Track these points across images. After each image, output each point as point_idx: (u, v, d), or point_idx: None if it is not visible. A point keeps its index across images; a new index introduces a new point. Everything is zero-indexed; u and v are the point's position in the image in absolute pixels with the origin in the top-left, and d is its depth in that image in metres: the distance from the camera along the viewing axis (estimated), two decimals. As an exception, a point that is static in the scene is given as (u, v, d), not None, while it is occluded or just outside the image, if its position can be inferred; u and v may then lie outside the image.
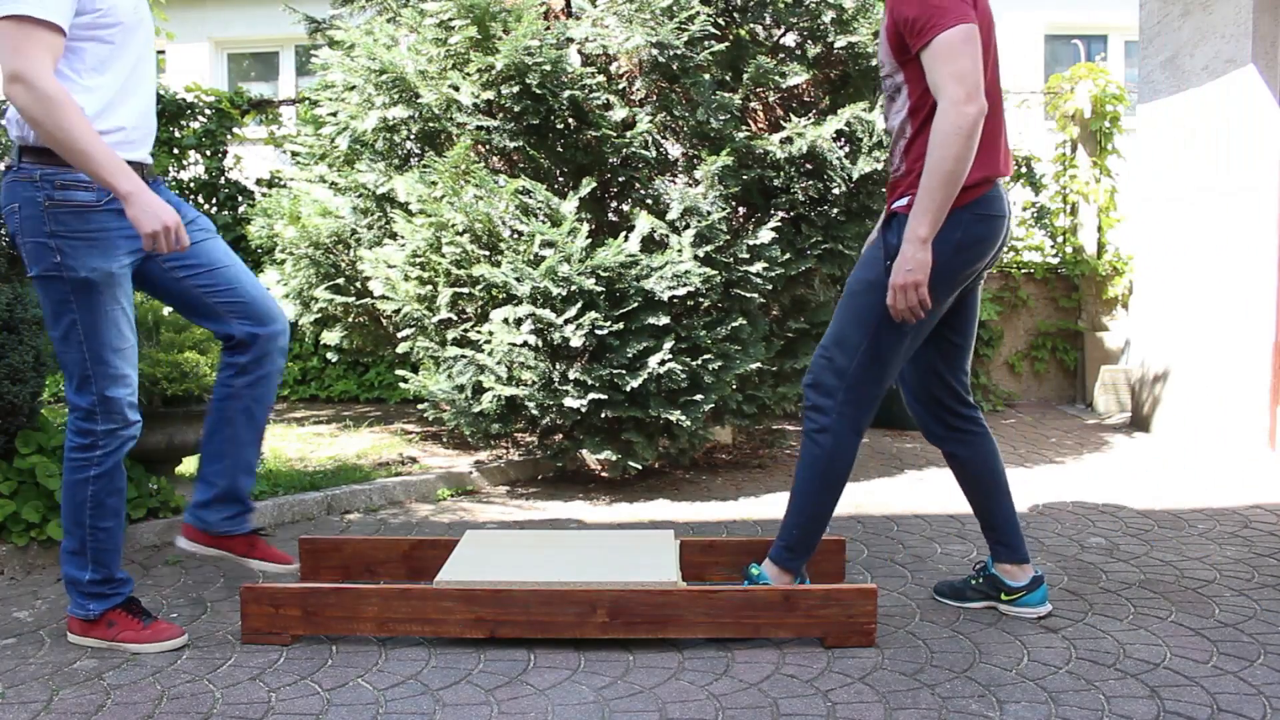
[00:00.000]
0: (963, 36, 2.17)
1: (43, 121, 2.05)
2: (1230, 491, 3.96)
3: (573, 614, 2.33)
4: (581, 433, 3.84)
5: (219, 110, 6.22)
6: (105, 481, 2.31)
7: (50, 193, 2.18)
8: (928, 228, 2.22)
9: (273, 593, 2.35)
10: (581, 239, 3.51)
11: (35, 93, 2.04)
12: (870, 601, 2.34)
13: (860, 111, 3.83)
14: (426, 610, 2.34)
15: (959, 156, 2.17)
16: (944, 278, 2.32)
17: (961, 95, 2.15)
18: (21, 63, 2.04)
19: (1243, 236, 4.78)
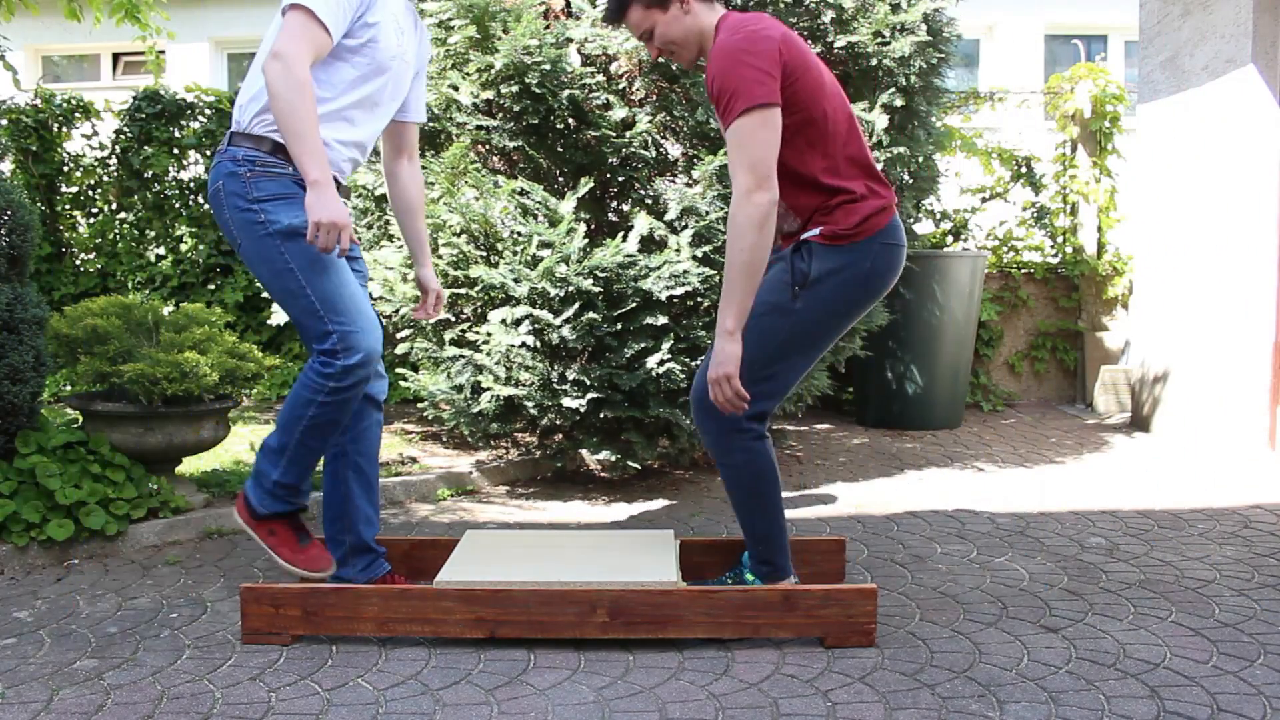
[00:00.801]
0: (758, 122, 2.20)
1: (283, 95, 2.20)
2: (1230, 491, 3.96)
3: (573, 614, 2.33)
4: (581, 433, 3.84)
5: (219, 110, 6.22)
6: (330, 410, 2.38)
7: (251, 167, 2.33)
8: (734, 320, 2.27)
9: (273, 593, 2.36)
10: (579, 239, 3.51)
11: (291, 73, 2.20)
12: (870, 601, 2.34)
13: (860, 111, 3.83)
14: (426, 610, 2.34)
15: (755, 245, 2.22)
16: (855, 306, 2.40)
17: (752, 184, 2.21)
18: (290, 45, 2.22)
19: (1243, 236, 4.78)
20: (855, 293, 2.37)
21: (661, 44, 2.41)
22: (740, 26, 2.29)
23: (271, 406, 5.99)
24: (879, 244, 2.36)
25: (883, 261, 2.37)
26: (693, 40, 2.39)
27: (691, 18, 2.37)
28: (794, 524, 3.49)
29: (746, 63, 2.22)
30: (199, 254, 6.16)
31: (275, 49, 2.22)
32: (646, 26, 2.40)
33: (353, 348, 2.34)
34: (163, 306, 3.53)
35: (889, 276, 2.41)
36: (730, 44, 2.25)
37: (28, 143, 6.18)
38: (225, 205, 2.37)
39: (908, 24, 3.89)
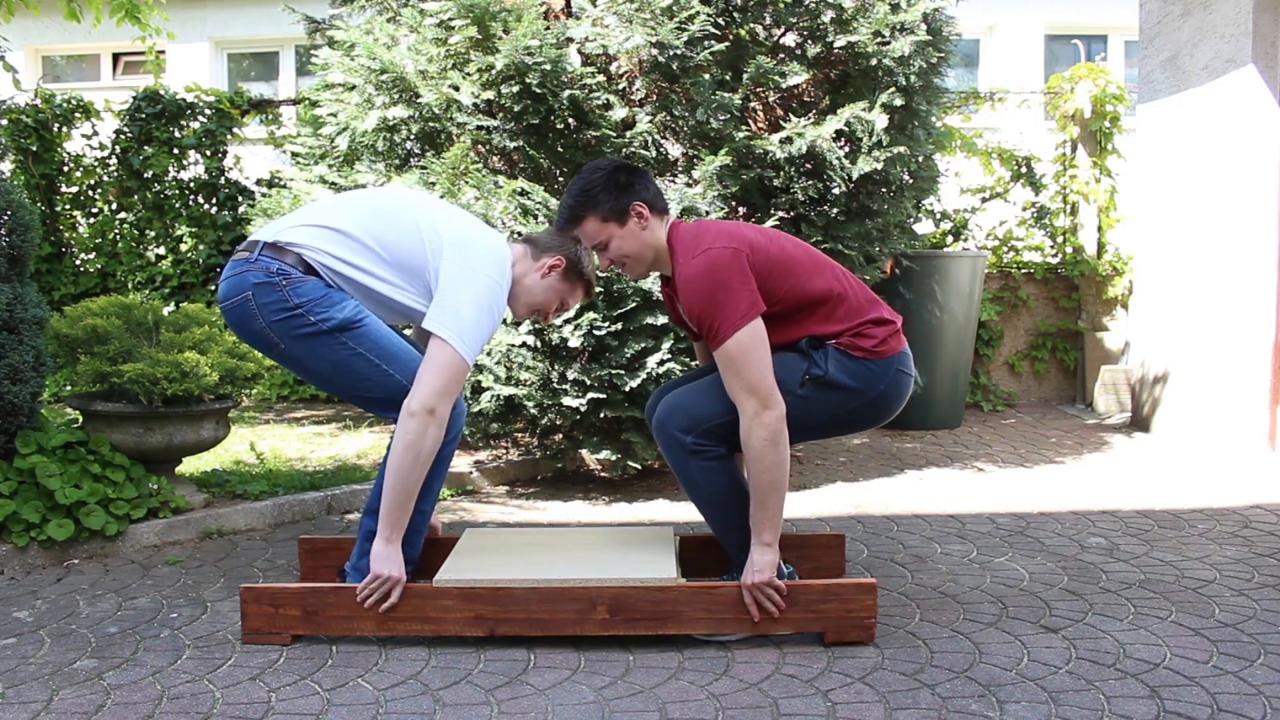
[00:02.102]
0: (747, 343, 2.24)
1: (418, 455, 2.27)
2: (1230, 491, 3.96)
3: (572, 611, 2.33)
4: (581, 433, 3.84)
5: (219, 110, 6.22)
6: (438, 469, 2.44)
7: (287, 277, 2.33)
8: (770, 534, 2.31)
9: (272, 593, 2.35)
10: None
11: (439, 435, 2.30)
12: (870, 596, 2.34)
13: (860, 111, 3.83)
14: (426, 609, 2.34)
15: (777, 464, 2.26)
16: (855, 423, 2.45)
17: (757, 406, 2.24)
18: (445, 405, 2.30)
19: (1243, 236, 4.78)
20: (860, 411, 2.41)
21: (615, 256, 2.42)
22: (696, 247, 2.30)
23: (271, 406, 5.99)
24: (895, 369, 2.40)
25: (895, 388, 2.41)
26: (647, 255, 2.41)
27: (648, 233, 2.39)
28: (794, 523, 3.49)
29: (720, 283, 2.24)
30: (199, 254, 6.17)
31: (433, 406, 2.25)
32: (602, 238, 2.40)
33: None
34: (163, 306, 3.53)
35: (897, 402, 2.44)
36: (697, 271, 2.26)
37: (28, 143, 6.19)
38: (259, 315, 2.35)
39: (907, 24, 3.89)
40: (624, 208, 2.36)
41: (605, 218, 2.38)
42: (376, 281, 2.38)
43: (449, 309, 2.31)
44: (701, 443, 2.38)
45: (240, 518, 3.39)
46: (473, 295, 2.32)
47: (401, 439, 2.26)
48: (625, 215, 2.36)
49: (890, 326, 2.41)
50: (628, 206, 2.36)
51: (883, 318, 2.41)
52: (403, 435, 2.26)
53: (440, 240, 2.37)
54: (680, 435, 2.39)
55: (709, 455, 2.38)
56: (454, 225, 2.42)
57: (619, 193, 2.36)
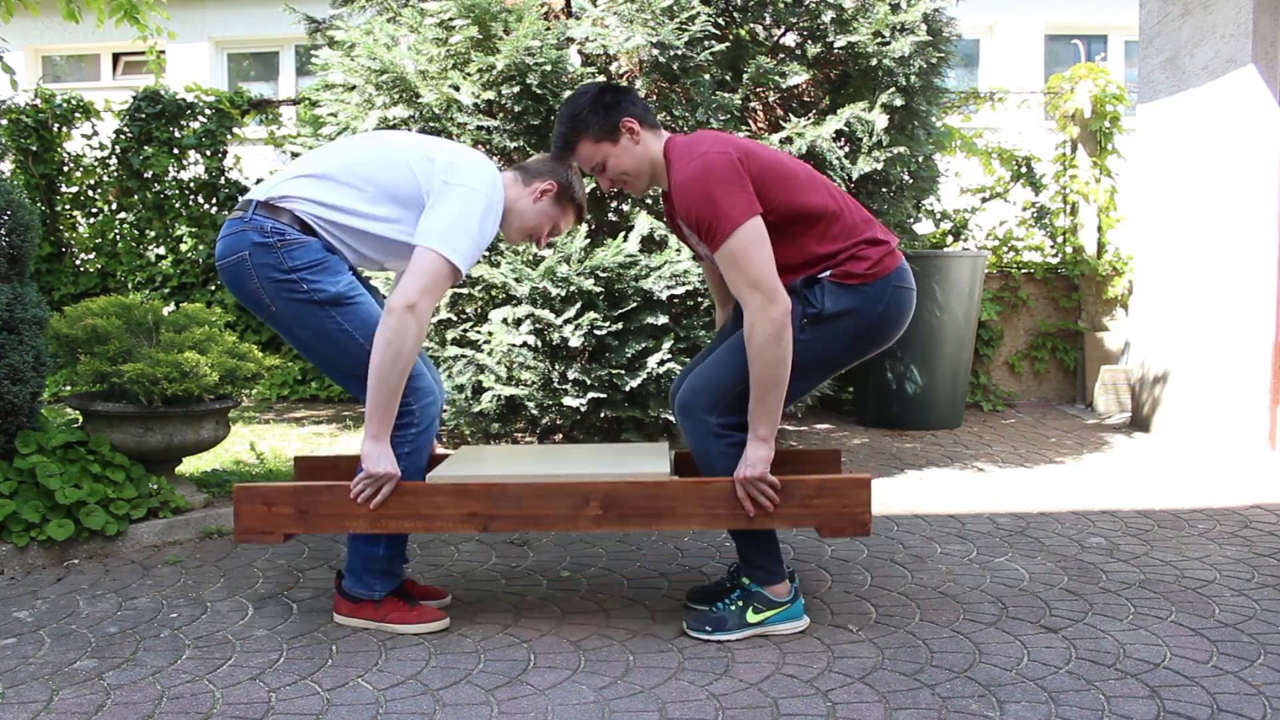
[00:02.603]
0: (746, 239, 2.23)
1: (399, 351, 2.23)
2: (1230, 491, 3.96)
3: (566, 507, 2.30)
4: (581, 432, 3.84)
5: (219, 110, 6.22)
6: (415, 458, 2.42)
7: (282, 238, 2.32)
8: (766, 428, 2.30)
9: (266, 491, 2.33)
10: (580, 239, 3.51)
11: (418, 327, 2.24)
12: (865, 490, 2.30)
13: (860, 111, 3.83)
14: (419, 506, 2.31)
15: (778, 360, 2.24)
16: (863, 348, 2.42)
17: (762, 301, 2.22)
18: (427, 302, 2.26)
19: (1243, 236, 4.78)
20: (866, 335, 2.39)
21: (614, 175, 2.42)
22: (691, 153, 2.30)
23: (271, 406, 5.99)
24: (892, 286, 2.38)
25: (895, 305, 2.39)
26: (644, 170, 2.41)
27: (642, 147, 2.39)
28: (794, 524, 3.49)
29: (716, 184, 2.24)
30: (199, 254, 6.17)
31: (414, 301, 2.22)
32: (598, 160, 2.41)
33: (418, 390, 2.39)
34: (163, 306, 3.53)
35: (900, 320, 2.42)
36: (692, 174, 2.26)
37: (28, 143, 6.19)
38: (254, 275, 2.34)
39: (908, 24, 3.89)
40: (614, 125, 2.37)
41: (597, 138, 2.39)
42: (371, 222, 2.36)
43: (432, 221, 2.30)
44: (725, 426, 2.38)
45: (240, 518, 3.39)
46: (459, 206, 2.31)
47: (382, 335, 2.23)
48: (616, 133, 2.37)
49: (885, 246, 2.39)
50: (617, 124, 2.37)
51: (877, 237, 2.39)
52: (383, 332, 2.23)
53: (432, 167, 2.36)
54: (705, 416, 2.39)
55: (731, 440, 2.38)
56: (444, 150, 2.42)
57: (607, 112, 2.37)
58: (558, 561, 3.04)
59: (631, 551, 3.16)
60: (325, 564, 3.00)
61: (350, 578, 2.47)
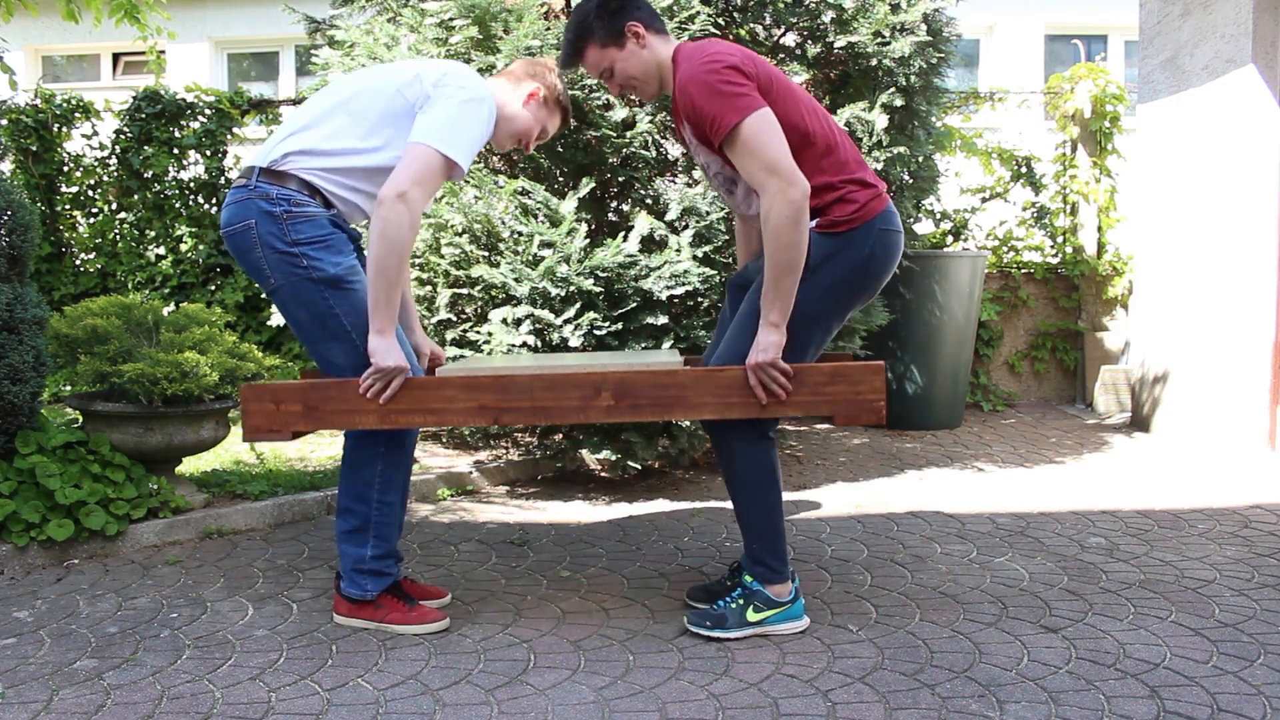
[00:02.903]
0: (758, 125, 2.21)
1: (394, 241, 2.21)
2: (1230, 491, 3.96)
3: (576, 398, 2.27)
4: (581, 433, 3.84)
5: (219, 110, 6.22)
6: (395, 456, 2.41)
7: (288, 208, 2.31)
8: (778, 314, 2.27)
9: (274, 389, 2.30)
10: (580, 239, 3.51)
11: (411, 216, 2.22)
12: (879, 377, 2.27)
13: (860, 111, 3.83)
14: (429, 400, 2.28)
15: (795, 244, 2.21)
16: (855, 293, 2.38)
17: (780, 183, 2.20)
18: (419, 189, 2.23)
19: (1243, 236, 4.78)
20: (855, 278, 2.36)
21: (622, 80, 2.42)
22: (698, 54, 2.30)
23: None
24: (877, 229, 2.35)
25: (881, 247, 2.36)
26: (652, 74, 2.41)
27: (648, 51, 2.38)
28: (794, 524, 3.49)
29: (722, 79, 2.23)
30: (199, 254, 6.16)
31: (404, 189, 2.20)
32: (605, 65, 2.41)
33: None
34: (163, 306, 3.53)
35: (888, 263, 2.40)
36: (697, 71, 2.26)
37: (28, 143, 6.19)
38: (259, 244, 2.33)
39: (908, 24, 3.89)
40: (619, 29, 2.37)
41: (604, 43, 2.39)
42: (371, 155, 2.34)
43: (424, 120, 2.28)
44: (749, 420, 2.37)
45: (240, 518, 3.39)
46: (452, 106, 2.30)
47: (375, 228, 2.21)
48: (622, 37, 2.37)
49: (873, 190, 2.37)
50: (623, 28, 2.37)
51: (866, 180, 2.38)
52: (376, 224, 2.21)
53: (420, 84, 2.35)
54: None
55: (752, 434, 2.39)
56: (431, 66, 2.40)
57: (612, 17, 2.37)
58: (558, 561, 3.04)
59: (631, 551, 3.16)
60: (325, 564, 3.00)
61: (344, 579, 2.48)
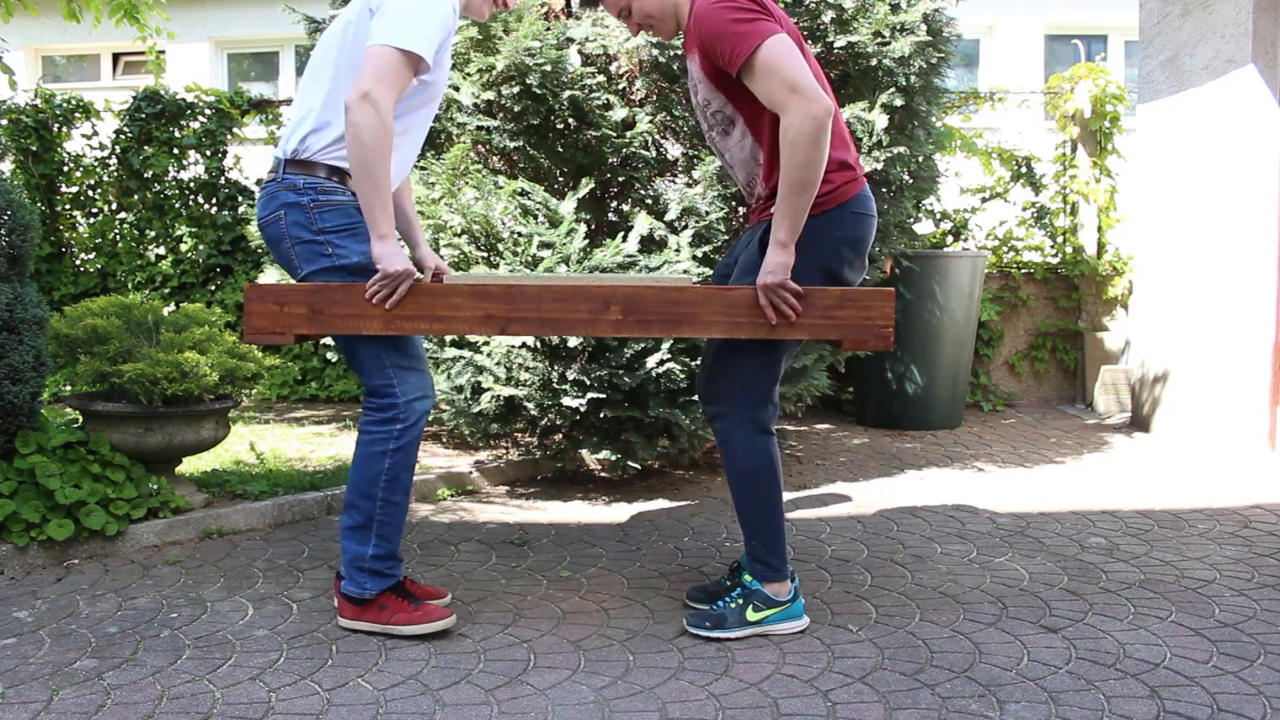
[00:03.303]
0: (779, 47, 2.19)
1: (368, 143, 2.18)
2: (1230, 491, 3.96)
3: (585, 310, 2.25)
4: (581, 433, 3.84)
5: (219, 110, 6.22)
6: (403, 455, 2.39)
7: (314, 197, 2.32)
8: (786, 232, 2.24)
9: (278, 290, 2.29)
10: (579, 240, 3.51)
11: (379, 116, 2.17)
12: (889, 303, 2.25)
13: (860, 111, 3.83)
14: (435, 306, 2.27)
15: (812, 161, 2.18)
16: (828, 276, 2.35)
17: (802, 100, 2.16)
18: (381, 87, 2.18)
19: (1243, 236, 4.78)
20: (827, 260, 2.34)
21: (640, 18, 2.42)
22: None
23: (271, 406, 5.99)
24: (849, 213, 2.34)
25: (853, 230, 2.35)
26: (669, 12, 2.40)
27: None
28: (794, 524, 3.50)
29: (741, 7, 2.22)
30: (199, 254, 6.17)
31: (366, 89, 2.17)
32: (624, 3, 2.41)
33: (411, 382, 2.37)
34: (163, 306, 3.53)
35: (860, 245, 2.38)
36: (716, 3, 2.24)
37: (28, 143, 6.19)
38: (287, 235, 2.35)
39: (908, 24, 3.89)
40: None
41: None
42: None
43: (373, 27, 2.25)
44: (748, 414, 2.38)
45: (240, 518, 3.39)
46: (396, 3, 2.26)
47: (347, 136, 2.19)
48: None
49: (850, 173, 2.36)
50: None
51: (847, 161, 2.36)
52: (347, 132, 2.19)
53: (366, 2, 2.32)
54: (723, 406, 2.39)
55: (755, 428, 2.39)
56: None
57: None
58: (558, 561, 3.04)
59: (631, 551, 3.16)
60: (325, 564, 3.00)
61: (344, 576, 2.47)
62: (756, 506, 2.43)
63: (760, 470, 2.41)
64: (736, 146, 2.41)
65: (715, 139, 2.50)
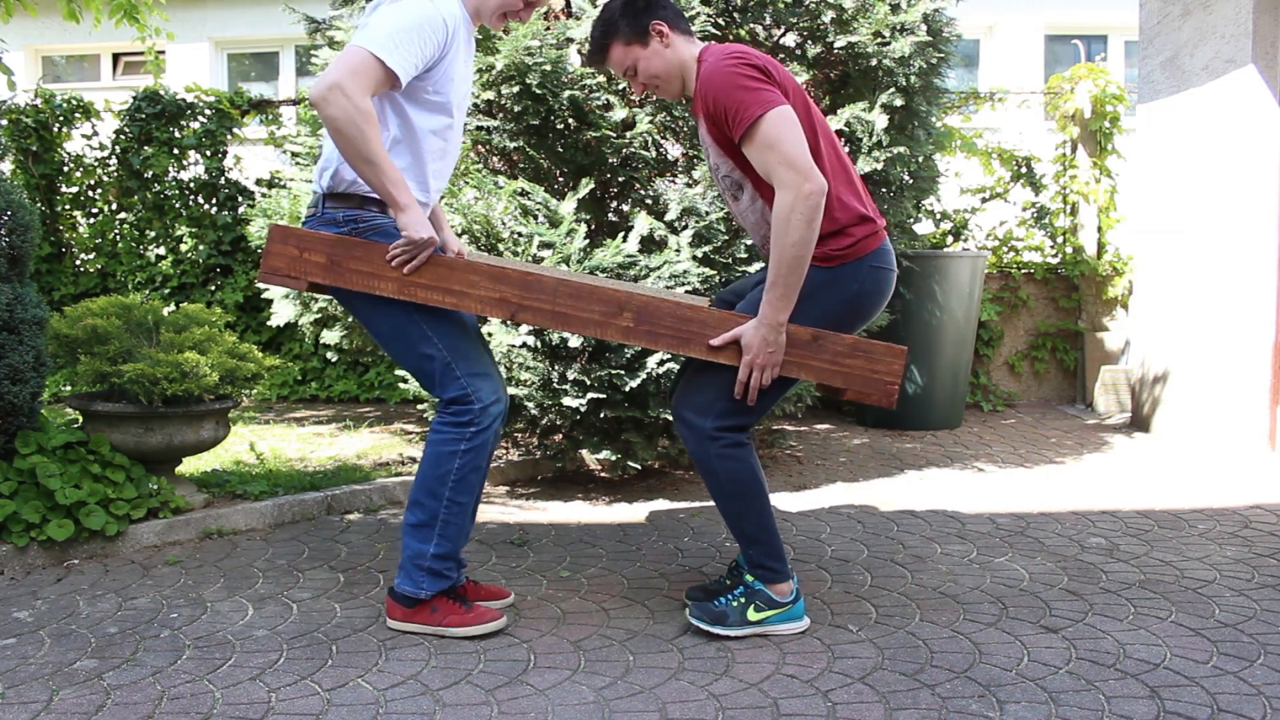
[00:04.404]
0: (779, 121, 2.20)
1: (347, 131, 2.16)
2: (1230, 491, 3.96)
3: (598, 312, 2.25)
4: (581, 433, 3.84)
5: (219, 110, 6.22)
6: (473, 456, 2.38)
7: (355, 226, 2.32)
8: (784, 314, 2.26)
9: (301, 234, 2.29)
10: (580, 240, 3.51)
11: (351, 103, 2.15)
12: (899, 360, 2.26)
13: (860, 111, 3.83)
14: (451, 279, 2.27)
15: (805, 240, 2.21)
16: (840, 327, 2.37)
17: (798, 179, 2.19)
18: (350, 79, 2.17)
19: (1242, 236, 4.78)
20: (841, 313, 2.36)
21: (645, 78, 2.44)
22: (723, 52, 2.32)
23: (271, 406, 5.99)
24: (868, 266, 2.36)
25: (871, 284, 2.37)
26: (675, 73, 2.42)
27: (672, 51, 2.40)
28: (794, 524, 3.50)
29: (746, 75, 2.24)
30: (199, 254, 6.17)
31: (332, 78, 2.16)
32: (629, 63, 2.43)
33: (484, 389, 2.37)
34: (163, 306, 3.53)
35: (877, 299, 2.40)
36: (721, 67, 2.27)
37: (28, 143, 6.19)
38: None
39: (908, 24, 3.89)
40: (643, 28, 2.39)
41: (628, 41, 2.40)
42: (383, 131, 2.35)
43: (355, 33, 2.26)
44: (720, 428, 2.37)
45: (240, 518, 3.39)
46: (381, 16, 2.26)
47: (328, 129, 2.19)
48: (646, 35, 2.39)
49: (869, 225, 2.37)
50: (647, 26, 2.39)
51: (865, 214, 2.38)
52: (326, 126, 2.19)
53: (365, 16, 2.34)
54: (697, 420, 2.38)
55: (726, 442, 2.38)
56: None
57: (637, 15, 2.39)
58: (558, 561, 3.05)
59: (631, 551, 3.16)
60: (325, 564, 3.00)
61: (400, 573, 2.44)
62: (749, 518, 2.43)
63: (743, 481, 2.41)
64: (747, 209, 2.43)
65: (727, 200, 2.53)
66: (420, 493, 2.39)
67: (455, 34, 2.34)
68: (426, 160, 2.40)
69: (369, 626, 2.48)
